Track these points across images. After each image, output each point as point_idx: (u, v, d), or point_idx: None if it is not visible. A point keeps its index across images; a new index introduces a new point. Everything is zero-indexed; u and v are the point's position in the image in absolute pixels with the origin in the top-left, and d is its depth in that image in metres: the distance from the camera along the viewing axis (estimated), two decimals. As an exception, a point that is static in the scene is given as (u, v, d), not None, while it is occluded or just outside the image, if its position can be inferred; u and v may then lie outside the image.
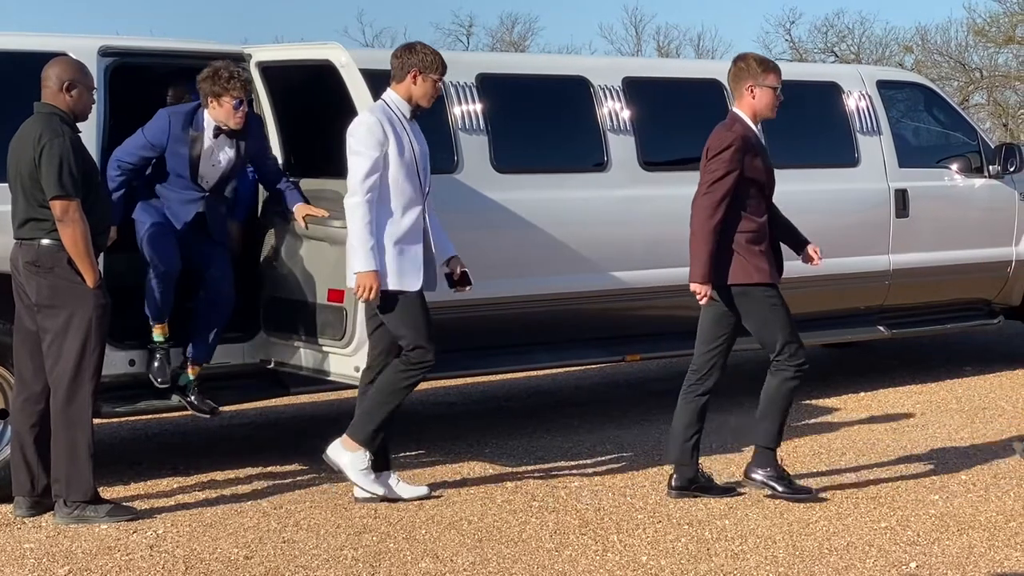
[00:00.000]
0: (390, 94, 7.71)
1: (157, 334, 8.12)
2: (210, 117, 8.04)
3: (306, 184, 8.52)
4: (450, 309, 8.93)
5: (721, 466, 8.38)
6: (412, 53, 7.69)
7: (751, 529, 7.09)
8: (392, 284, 7.51)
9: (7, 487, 7.50)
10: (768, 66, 7.68)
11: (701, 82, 10.50)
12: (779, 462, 7.68)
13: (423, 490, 7.78)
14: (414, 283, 7.57)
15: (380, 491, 7.63)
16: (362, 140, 7.49)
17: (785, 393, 7.63)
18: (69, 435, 7.19)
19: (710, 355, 7.78)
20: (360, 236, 7.43)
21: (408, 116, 7.66)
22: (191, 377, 8.16)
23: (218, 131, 8.04)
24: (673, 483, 7.71)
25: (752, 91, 7.61)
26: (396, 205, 7.53)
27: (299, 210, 8.27)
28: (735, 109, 7.67)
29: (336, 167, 9.10)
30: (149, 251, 8.06)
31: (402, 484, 7.76)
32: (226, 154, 8.13)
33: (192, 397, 8.15)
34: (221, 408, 8.33)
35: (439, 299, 8.82)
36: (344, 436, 7.65)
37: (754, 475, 7.63)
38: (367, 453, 7.63)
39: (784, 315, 7.62)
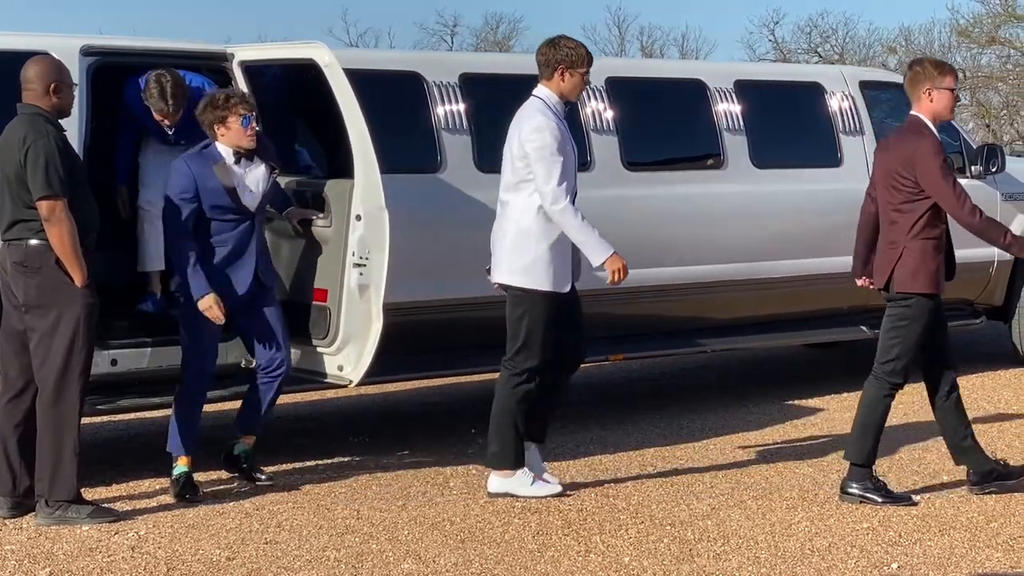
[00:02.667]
0: (544, 91, 7.69)
1: (181, 465, 7.82)
2: (223, 146, 7.77)
3: (289, 184, 8.52)
4: (434, 309, 8.94)
5: (704, 466, 8.38)
6: (556, 49, 7.67)
7: (733, 530, 7.09)
8: (542, 284, 7.56)
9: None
10: (944, 69, 7.67)
11: (685, 82, 10.51)
12: (874, 472, 7.65)
13: (555, 488, 7.81)
14: (564, 285, 7.63)
15: (557, 489, 7.75)
16: (549, 144, 7.49)
17: (882, 411, 7.65)
18: (55, 435, 7.18)
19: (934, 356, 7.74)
20: (584, 231, 7.49)
21: (563, 113, 7.65)
22: (247, 447, 7.94)
23: (238, 156, 7.78)
24: (972, 479, 7.73)
25: (930, 94, 7.57)
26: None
27: (292, 214, 8.25)
28: (915, 113, 7.61)
29: (319, 166, 9.12)
30: (191, 348, 7.81)
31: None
32: (254, 176, 7.85)
33: (246, 466, 7.93)
34: (209, 407, 8.30)
35: (423, 299, 8.84)
36: (493, 472, 7.76)
37: (850, 490, 7.60)
38: (523, 471, 7.71)
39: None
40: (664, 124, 10.38)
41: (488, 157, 9.23)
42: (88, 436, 7.79)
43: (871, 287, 7.81)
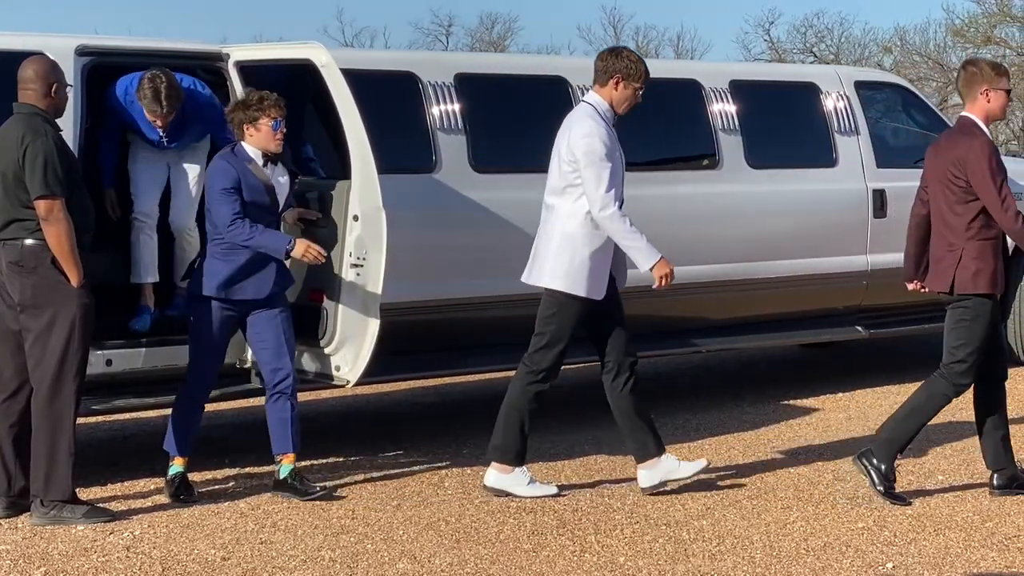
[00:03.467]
0: (595, 98, 7.72)
1: (177, 465, 7.79)
2: (250, 146, 7.72)
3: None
4: (430, 309, 8.95)
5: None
6: (618, 59, 7.71)
7: (728, 530, 7.10)
8: (584, 291, 7.59)
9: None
10: (1001, 70, 7.73)
11: (680, 82, 10.51)
12: (895, 462, 7.65)
13: (701, 464, 7.89)
14: (600, 292, 7.65)
15: (552, 490, 7.80)
16: (598, 150, 7.51)
17: (936, 405, 7.67)
18: (50, 434, 7.17)
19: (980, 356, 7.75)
20: (632, 237, 7.53)
21: (612, 120, 7.67)
22: (290, 467, 7.80)
23: (265, 158, 7.71)
24: (995, 483, 7.71)
25: (987, 95, 7.59)
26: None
27: (291, 214, 8.24)
28: (967, 114, 7.63)
29: (315, 167, 9.11)
30: (199, 348, 7.76)
31: (684, 464, 7.85)
32: (279, 179, 7.83)
33: (297, 484, 7.78)
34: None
35: (420, 299, 8.84)
36: (493, 465, 7.78)
37: (865, 461, 7.59)
38: (522, 469, 7.77)
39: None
40: (659, 124, 10.37)
41: (484, 157, 9.25)
42: (83, 436, 7.79)
43: (923, 290, 7.79)
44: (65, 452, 7.19)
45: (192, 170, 8.65)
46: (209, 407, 8.54)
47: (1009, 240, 7.62)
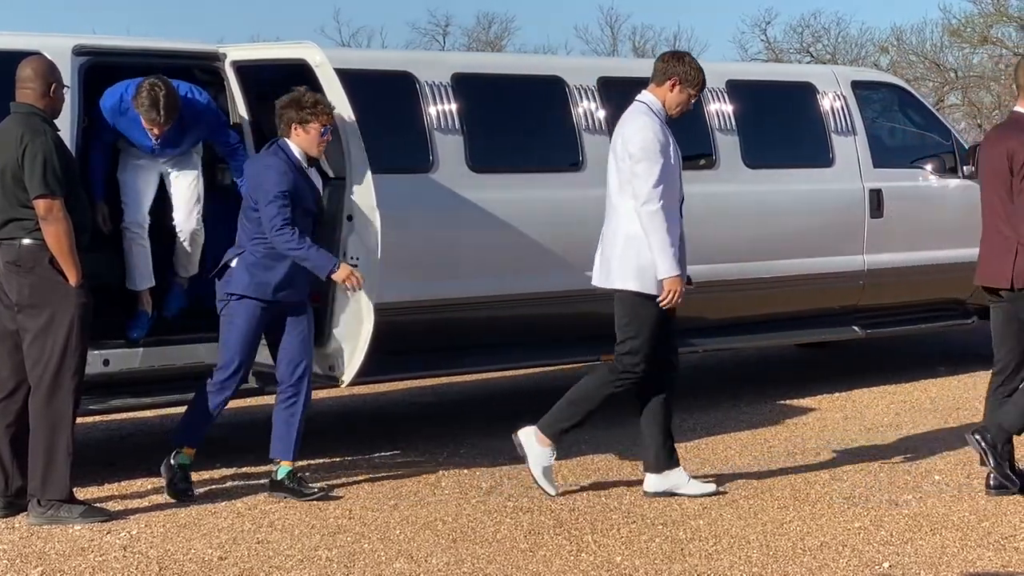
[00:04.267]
0: (650, 96, 7.71)
1: (186, 456, 7.76)
2: (295, 146, 7.69)
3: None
4: (426, 309, 8.95)
5: (696, 466, 8.39)
6: (679, 63, 7.72)
7: (725, 529, 7.10)
8: (653, 288, 7.57)
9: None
10: None
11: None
12: (1009, 448, 7.64)
13: (710, 487, 7.81)
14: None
15: (552, 491, 7.76)
16: (650, 147, 7.49)
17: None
18: (48, 434, 7.17)
19: (1012, 354, 7.76)
20: (664, 242, 7.46)
21: (665, 119, 7.67)
22: (288, 468, 7.79)
23: (306, 160, 7.72)
24: (991, 483, 7.67)
25: None
26: (672, 208, 7.58)
27: None
28: (1019, 108, 7.65)
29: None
30: (234, 344, 7.69)
31: (693, 482, 7.79)
32: (317, 182, 7.85)
33: (294, 486, 7.77)
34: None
35: (415, 299, 8.85)
36: (534, 429, 7.79)
37: (985, 436, 7.56)
38: (554, 450, 7.78)
39: None
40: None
41: (480, 157, 9.25)
42: (80, 436, 7.78)
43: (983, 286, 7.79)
44: (63, 452, 7.19)
45: (188, 175, 8.56)
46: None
47: None
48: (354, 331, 8.06)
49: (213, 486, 8.09)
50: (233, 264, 7.72)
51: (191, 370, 8.30)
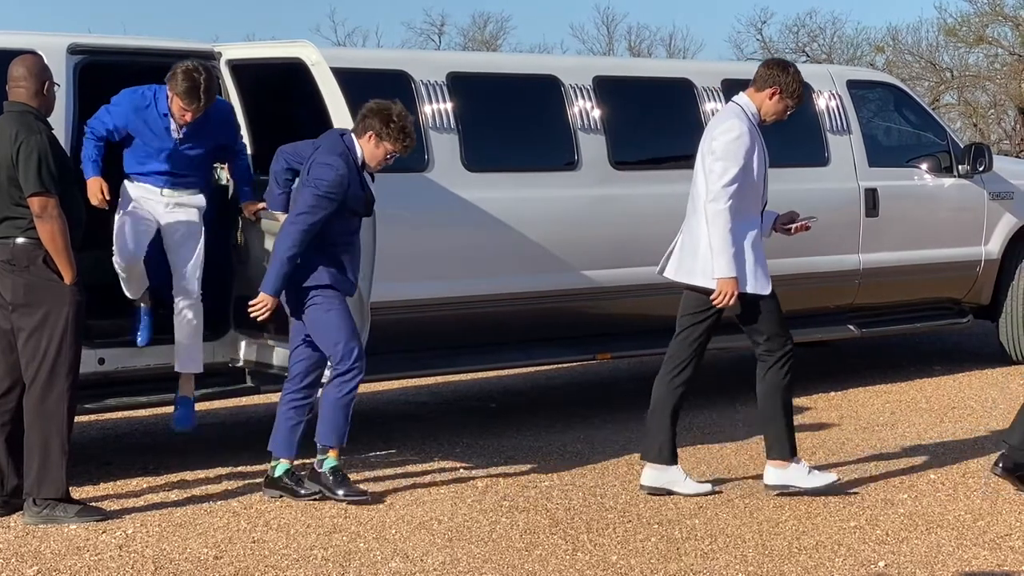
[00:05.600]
0: (746, 99, 7.74)
1: (332, 459, 7.68)
2: (359, 147, 7.63)
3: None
4: (422, 308, 8.95)
5: (692, 465, 8.40)
6: (783, 73, 7.75)
7: (721, 528, 7.10)
8: (749, 287, 7.58)
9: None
10: None
11: (672, 81, 10.53)
12: None
13: (831, 477, 7.81)
14: (766, 287, 7.65)
15: (833, 478, 7.73)
16: (732, 147, 7.50)
17: None
18: (42, 433, 7.17)
19: None
20: (725, 241, 7.47)
21: (757, 122, 7.69)
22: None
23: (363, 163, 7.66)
24: (1001, 464, 7.65)
25: None
26: (749, 210, 7.59)
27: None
28: None
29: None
30: (343, 330, 7.59)
31: (689, 481, 7.78)
32: (371, 184, 7.80)
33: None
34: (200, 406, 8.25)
35: (411, 298, 8.84)
36: (768, 461, 7.75)
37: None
38: (799, 459, 7.74)
39: None
40: (652, 123, 10.39)
41: (476, 156, 9.25)
42: (76, 435, 7.77)
43: None
44: (58, 451, 7.18)
45: (190, 227, 8.18)
46: (202, 406, 8.56)
47: None
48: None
49: (209, 485, 8.09)
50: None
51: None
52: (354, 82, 8.35)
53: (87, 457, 8.60)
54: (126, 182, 8.14)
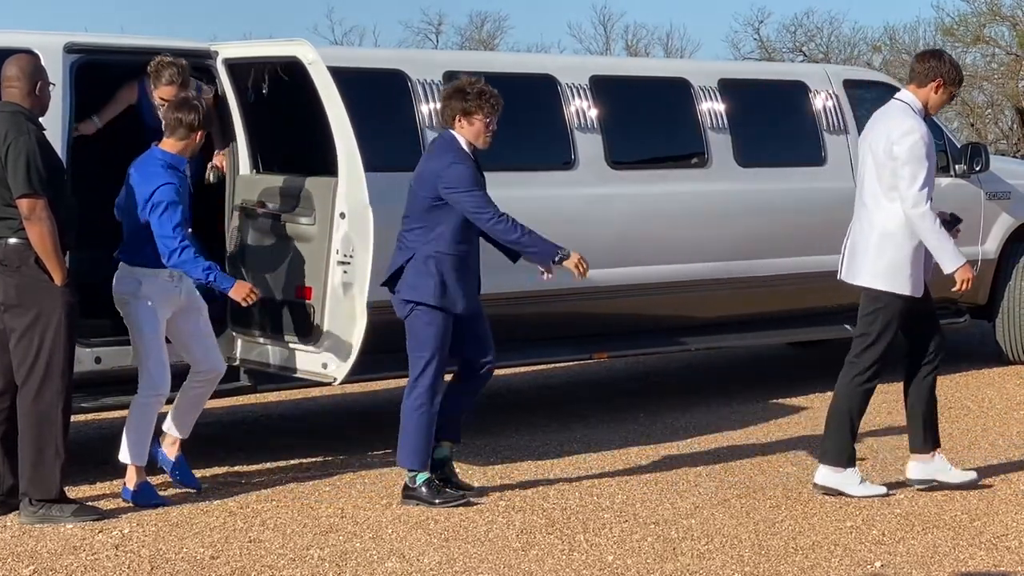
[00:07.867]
0: (910, 96, 7.73)
1: (424, 473, 7.59)
2: (460, 137, 7.55)
3: (272, 180, 8.52)
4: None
5: (688, 464, 8.39)
6: (941, 62, 7.73)
7: (717, 529, 7.10)
8: (904, 288, 7.65)
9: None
10: None
11: (669, 81, 10.52)
12: None
13: (971, 475, 7.88)
14: (919, 290, 7.71)
15: (882, 491, 7.75)
16: (917, 150, 7.51)
17: None
18: (36, 433, 7.16)
19: None
20: (940, 239, 7.56)
21: (923, 118, 7.69)
22: (447, 452, 7.83)
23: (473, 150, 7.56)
24: None
25: None
26: (934, 208, 7.64)
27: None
28: None
29: (303, 163, 9.10)
30: (431, 345, 7.63)
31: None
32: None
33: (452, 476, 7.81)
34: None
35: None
36: (822, 464, 7.77)
37: None
38: (854, 470, 7.75)
39: None
40: (649, 122, 10.38)
41: (472, 156, 9.23)
42: (72, 434, 7.76)
43: None
44: (51, 451, 7.17)
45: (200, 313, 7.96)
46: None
47: None
48: (347, 330, 8.05)
49: (205, 485, 8.08)
50: (407, 270, 7.55)
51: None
52: (351, 81, 8.35)
53: (84, 456, 8.59)
54: None
